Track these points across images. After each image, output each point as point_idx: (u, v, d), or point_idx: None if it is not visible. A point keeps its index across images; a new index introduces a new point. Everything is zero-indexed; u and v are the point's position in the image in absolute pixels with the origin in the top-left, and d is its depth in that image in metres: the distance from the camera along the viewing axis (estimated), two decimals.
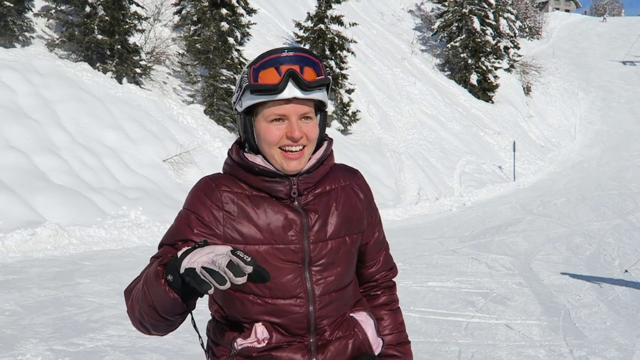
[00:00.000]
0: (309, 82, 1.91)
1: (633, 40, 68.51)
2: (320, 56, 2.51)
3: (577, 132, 43.78)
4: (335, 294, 2.05)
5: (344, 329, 2.08)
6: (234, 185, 2.03)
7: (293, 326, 1.99)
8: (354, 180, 2.18)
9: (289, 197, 2.01)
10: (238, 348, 2.01)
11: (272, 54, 1.94)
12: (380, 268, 2.29)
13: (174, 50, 23.33)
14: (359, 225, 2.14)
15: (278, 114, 1.93)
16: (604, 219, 16.89)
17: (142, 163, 16.64)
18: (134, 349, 6.07)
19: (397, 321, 2.31)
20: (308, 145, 1.98)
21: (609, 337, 6.93)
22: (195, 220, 1.98)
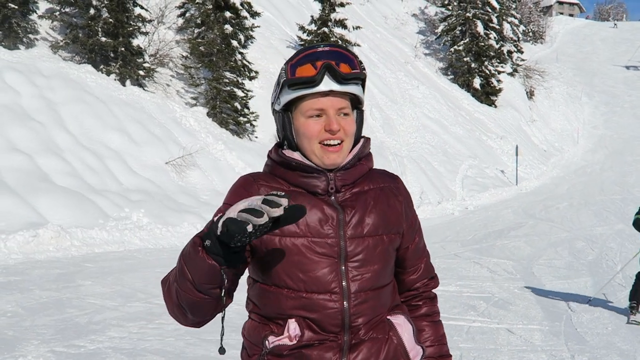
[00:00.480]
0: (345, 74, 1.94)
1: (637, 45, 68.50)
2: (354, 53, 2.50)
3: (580, 136, 43.74)
4: (371, 293, 2.02)
5: (379, 331, 2.05)
6: (272, 181, 2.05)
7: (327, 322, 1.97)
8: (393, 183, 2.18)
9: (326, 193, 2.02)
10: (270, 346, 1.99)
11: (308, 50, 1.98)
12: (421, 276, 2.27)
13: (177, 52, 23.35)
14: (397, 226, 2.12)
15: (316, 108, 1.96)
16: (606, 223, 16.88)
17: (145, 165, 16.66)
18: (135, 351, 6.07)
19: (439, 333, 2.28)
20: (346, 140, 2.00)
21: (610, 342, 6.92)
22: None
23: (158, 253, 12.37)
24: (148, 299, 8.31)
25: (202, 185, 17.51)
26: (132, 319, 7.26)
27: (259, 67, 25.13)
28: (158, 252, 12.53)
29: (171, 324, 7.09)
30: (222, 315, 1.90)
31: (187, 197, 16.31)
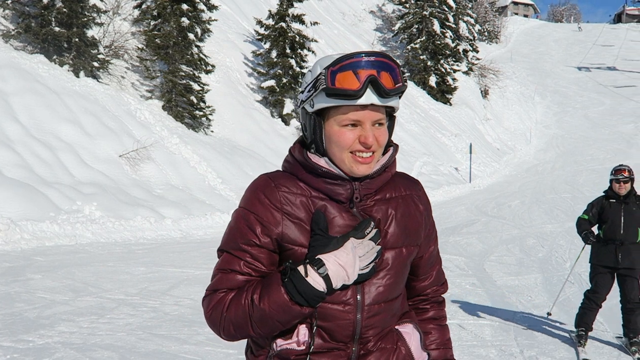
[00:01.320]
0: (388, 90, 1.88)
1: (589, 46, 69.87)
2: (394, 59, 2.41)
3: (532, 135, 44.44)
4: (384, 305, 2.00)
5: (388, 341, 2.03)
6: (293, 186, 1.98)
7: (338, 332, 1.95)
8: (414, 191, 2.14)
9: (349, 201, 1.98)
10: (277, 349, 1.96)
11: (351, 58, 1.89)
12: (432, 282, 2.24)
13: (133, 44, 23.06)
14: (416, 238, 2.08)
15: (353, 119, 1.90)
16: (556, 221, 17.18)
17: (98, 158, 16.44)
18: (85, 346, 5.99)
19: (445, 337, 2.26)
20: (377, 150, 1.95)
21: (558, 337, 7.05)
22: (255, 221, 1.95)
23: (110, 247, 12.23)
24: (99, 294, 8.21)
25: (156, 178, 17.34)
26: (83, 314, 7.16)
27: (216, 61, 24.98)
28: (110, 246, 12.38)
29: (122, 319, 7.03)
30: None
31: (141, 191, 16.14)
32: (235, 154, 21.08)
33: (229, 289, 1.92)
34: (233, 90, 25.60)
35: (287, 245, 1.92)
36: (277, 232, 1.93)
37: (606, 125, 44.99)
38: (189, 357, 5.82)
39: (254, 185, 2.00)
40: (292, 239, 1.92)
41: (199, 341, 6.26)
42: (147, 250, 12.12)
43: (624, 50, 69.52)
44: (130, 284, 8.86)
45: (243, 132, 23.25)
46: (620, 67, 62.62)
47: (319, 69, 1.92)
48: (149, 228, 14.22)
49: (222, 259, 1.97)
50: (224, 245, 1.98)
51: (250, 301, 1.84)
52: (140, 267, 10.08)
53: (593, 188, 25.21)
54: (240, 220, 1.96)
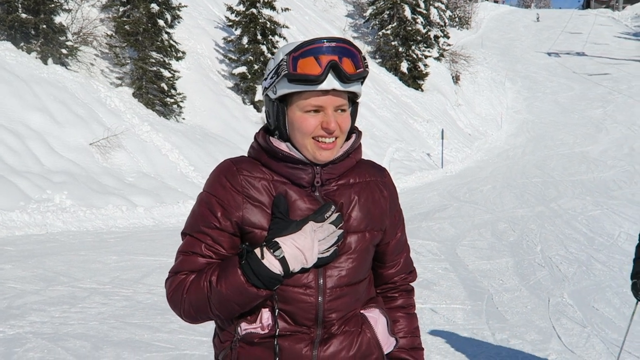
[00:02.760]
0: (349, 75, 1.90)
1: (559, 32, 70.42)
2: (357, 47, 2.40)
3: (503, 121, 44.72)
4: (347, 288, 2.01)
5: (352, 325, 2.04)
6: (256, 170, 2.01)
7: (301, 315, 1.97)
8: (379, 177, 2.15)
9: (310, 186, 1.99)
10: (242, 333, 1.98)
11: (312, 44, 1.91)
12: (400, 270, 2.25)
13: (102, 31, 22.76)
14: (380, 223, 2.10)
15: (315, 105, 1.92)
16: (527, 206, 17.35)
17: (68, 146, 16.25)
18: (57, 335, 5.95)
19: (413, 326, 2.28)
20: (340, 136, 1.97)
21: (529, 320, 7.14)
22: (216, 204, 1.98)
23: (82, 236, 12.13)
24: (71, 283, 8.14)
25: (127, 167, 17.19)
26: (54, 303, 7.10)
27: (186, 48, 24.79)
28: (81, 234, 12.28)
29: (95, 308, 6.98)
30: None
31: (112, 179, 16.00)
32: (207, 141, 20.97)
33: (190, 271, 1.94)
34: (204, 77, 25.43)
35: (247, 228, 1.95)
36: (237, 215, 1.95)
37: (575, 110, 45.41)
38: (162, 345, 5.81)
39: (217, 170, 2.04)
40: (252, 222, 1.95)
41: (172, 329, 6.25)
42: (119, 238, 12.05)
43: (592, 36, 70.17)
44: (102, 273, 8.81)
45: (214, 119, 23.13)
46: (589, 53, 63.21)
47: (282, 55, 1.94)
48: (120, 216, 14.12)
49: (185, 241, 2.00)
50: (187, 228, 2.01)
51: (208, 283, 1.87)
52: (113, 256, 10.02)
53: (563, 172, 25.51)
54: (203, 204, 2.00)
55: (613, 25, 76.35)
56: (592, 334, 6.55)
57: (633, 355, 5.89)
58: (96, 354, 5.50)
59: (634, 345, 6.20)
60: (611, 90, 49.74)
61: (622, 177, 23.74)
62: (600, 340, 6.33)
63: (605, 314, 7.39)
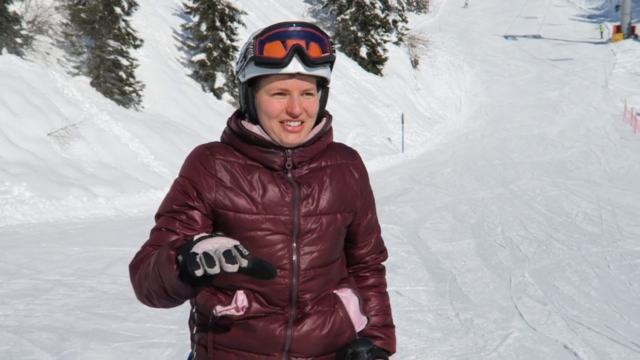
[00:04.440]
0: (313, 59, 1.93)
1: (515, 15, 71.14)
2: (323, 31, 2.39)
3: (462, 104, 45.17)
4: (320, 269, 2.06)
5: (325, 304, 2.09)
6: (229, 154, 2.04)
7: (275, 297, 2.01)
8: (350, 160, 2.20)
9: (282, 169, 2.03)
10: (217, 315, 2.01)
11: (279, 27, 1.94)
12: (371, 250, 2.30)
13: (57, 19, 22.38)
14: (351, 204, 2.14)
15: (280, 88, 1.95)
16: (487, 188, 17.58)
17: (25, 137, 16.01)
18: (22, 328, 5.90)
19: (384, 304, 2.32)
20: (308, 120, 2.00)
21: (492, 299, 7.27)
22: (190, 186, 2.01)
23: (42, 228, 11.99)
24: (34, 275, 8.06)
25: (87, 157, 17.01)
26: (18, 296, 7.03)
27: (144, 35, 24.52)
28: (42, 226, 12.14)
29: (59, 300, 6.93)
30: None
31: (72, 170, 15.82)
32: (168, 129, 20.82)
33: (160, 246, 1.90)
34: (163, 64, 25.21)
35: (220, 211, 1.99)
36: (210, 198, 1.99)
37: (533, 93, 46.06)
38: (129, 335, 5.80)
39: (191, 155, 2.07)
40: (225, 205, 1.99)
41: (139, 318, 6.24)
42: (81, 229, 11.94)
43: (548, 18, 71.06)
44: (65, 265, 8.73)
45: (175, 107, 22.96)
46: (545, 35, 64.03)
47: (251, 39, 1.98)
48: (81, 207, 13.98)
49: (159, 221, 2.02)
50: (161, 209, 2.04)
51: (149, 262, 1.85)
52: (75, 247, 9.93)
53: (521, 154, 25.91)
54: (177, 187, 2.04)
55: (568, 8, 77.40)
56: (552, 311, 6.70)
57: (592, 330, 6.05)
58: (63, 345, 5.47)
59: (593, 321, 6.37)
60: (567, 72, 50.55)
61: (579, 157, 24.19)
62: (561, 317, 6.47)
63: (565, 291, 7.56)
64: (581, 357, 5.37)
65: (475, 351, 5.59)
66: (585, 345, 5.65)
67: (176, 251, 1.72)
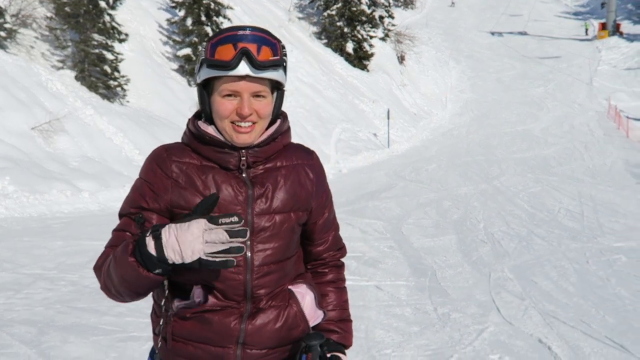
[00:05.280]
0: (260, 62, 1.98)
1: (501, 12, 71.39)
2: (275, 36, 2.41)
3: (448, 100, 45.31)
4: (274, 266, 2.12)
5: (279, 299, 2.15)
6: (186, 155, 2.11)
7: (230, 292, 2.07)
8: (307, 160, 2.24)
9: (237, 169, 2.08)
10: (175, 309, 2.09)
11: (231, 31, 2.02)
12: (328, 248, 2.35)
13: (41, 13, 22.26)
14: (305, 204, 2.19)
15: (231, 90, 2.01)
16: (471, 184, 17.68)
17: (9, 131, 15.94)
18: (1, 321, 5.92)
19: (342, 299, 2.38)
20: (259, 121, 2.06)
21: (470, 295, 7.36)
22: (147, 189, 2.09)
23: (26, 222, 11.97)
24: (15, 269, 8.07)
25: (71, 151, 16.96)
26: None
27: (129, 30, 24.45)
28: (25, 221, 12.12)
29: (40, 294, 6.95)
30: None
31: (56, 164, 15.78)
32: (152, 124, 20.79)
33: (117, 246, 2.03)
34: (148, 59, 25.14)
35: (176, 210, 2.07)
36: (166, 199, 2.07)
37: (518, 89, 46.28)
38: (108, 329, 5.84)
39: (150, 156, 2.16)
40: (180, 205, 2.06)
41: (120, 312, 6.27)
42: (64, 224, 11.93)
43: (534, 14, 71.36)
44: (47, 259, 8.74)
45: (159, 102, 22.92)
46: (530, 32, 64.30)
47: (205, 43, 2.07)
48: (65, 202, 13.96)
49: (119, 222, 2.12)
50: (121, 210, 2.14)
51: (112, 257, 1.99)
52: (58, 241, 9.93)
53: (505, 150, 26.04)
54: (135, 188, 2.13)
55: (553, 4, 77.73)
56: (529, 306, 6.78)
57: (568, 325, 6.14)
58: (42, 339, 5.50)
59: (569, 316, 6.46)
60: (552, 69, 50.80)
61: (562, 154, 24.35)
62: (538, 312, 6.56)
63: (543, 287, 7.65)
64: (555, 351, 5.46)
65: (450, 345, 5.66)
66: (560, 340, 5.74)
67: (139, 263, 1.87)
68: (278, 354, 2.17)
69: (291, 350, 2.19)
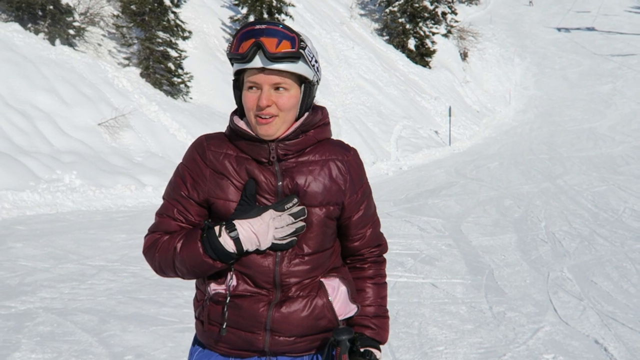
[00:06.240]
0: (272, 54, 2.04)
1: (568, 7, 69.86)
2: (296, 31, 2.47)
3: (511, 97, 44.63)
4: (303, 257, 2.19)
5: (308, 290, 2.21)
6: (224, 146, 2.23)
7: (260, 279, 2.16)
8: (341, 155, 2.28)
9: (268, 161, 2.16)
10: (211, 293, 2.21)
11: (249, 26, 2.11)
12: (366, 243, 2.38)
13: (108, 11, 22.86)
14: (336, 198, 2.23)
15: (252, 82, 2.10)
16: (533, 182, 17.41)
17: (76, 127, 16.41)
18: (66, 310, 6.13)
19: (380, 295, 2.40)
20: (280, 114, 2.12)
21: (527, 293, 7.27)
22: (188, 175, 2.23)
23: (91, 215, 12.31)
24: (80, 260, 8.33)
25: (135, 146, 17.37)
26: (64, 280, 7.29)
27: (193, 27, 24.84)
28: (91, 214, 12.47)
29: (103, 284, 7.17)
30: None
31: (121, 159, 16.18)
32: (214, 120, 21.09)
33: (164, 231, 2.22)
34: (211, 56, 25.50)
35: (212, 199, 2.18)
36: (204, 186, 2.19)
37: (584, 86, 45.24)
38: (167, 319, 5.99)
39: (192, 145, 2.29)
40: (217, 194, 2.17)
41: (178, 304, 6.42)
42: (128, 217, 12.23)
43: (603, 9, 69.60)
44: (110, 251, 8.99)
45: (221, 98, 23.22)
46: (598, 27, 62.75)
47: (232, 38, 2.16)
48: (129, 196, 14.31)
49: (162, 205, 2.27)
50: (164, 194, 2.29)
51: (174, 249, 2.13)
52: (121, 234, 10.20)
53: (570, 149, 25.54)
54: (177, 174, 2.26)
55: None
56: (587, 307, 6.67)
57: (626, 326, 6.02)
58: (103, 327, 5.68)
59: (628, 317, 6.33)
60: (620, 65, 49.44)
61: (629, 152, 23.74)
62: (595, 313, 6.45)
63: (603, 287, 7.51)
64: (611, 353, 5.37)
65: (504, 344, 5.62)
66: (617, 341, 5.63)
67: (211, 257, 2.10)
68: (306, 342, 2.23)
69: (321, 341, 2.25)
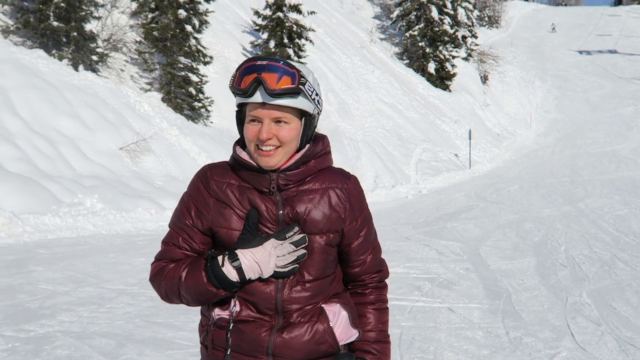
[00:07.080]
0: (271, 90, 2.12)
1: (590, 30, 69.70)
2: (297, 67, 2.52)
3: (532, 120, 44.47)
4: (305, 284, 2.25)
5: (309, 316, 2.26)
6: (227, 176, 2.30)
7: (262, 305, 2.22)
8: (340, 184, 2.34)
9: (269, 191, 2.23)
10: (215, 318, 2.27)
11: (251, 61, 2.20)
12: (366, 269, 2.43)
13: (131, 37, 23.18)
14: (336, 225, 2.30)
15: (253, 115, 2.18)
16: (554, 205, 17.32)
17: (98, 151, 16.60)
18: (84, 334, 6.20)
19: (381, 320, 2.45)
20: (282, 146, 2.19)
21: (544, 319, 7.23)
22: (193, 205, 2.30)
23: (111, 239, 12.42)
24: (99, 284, 8.41)
25: (156, 170, 17.52)
26: (83, 304, 7.36)
27: (214, 52, 25.09)
28: (111, 237, 12.58)
29: (121, 308, 7.23)
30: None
31: (142, 183, 16.32)
32: None
33: (170, 259, 2.28)
34: None
35: (215, 228, 2.25)
36: (207, 216, 2.26)
37: (606, 109, 44.99)
38: (183, 343, 6.03)
39: (196, 174, 2.36)
40: (220, 222, 2.24)
41: (194, 328, 6.46)
42: (148, 241, 12.32)
43: (625, 31, 69.36)
44: (130, 275, 9.07)
45: None
46: (620, 50, 62.51)
47: (235, 72, 2.25)
48: (149, 219, 14.42)
49: (167, 233, 2.35)
50: (170, 222, 2.36)
51: (179, 277, 2.20)
52: (141, 258, 10.28)
53: (592, 171, 25.38)
54: (182, 203, 2.34)
55: None
56: (606, 332, 6.63)
57: None
58: (120, 351, 5.74)
59: None
60: None
61: None
62: (614, 338, 6.40)
63: (622, 312, 7.45)
64: None
65: None
66: None
67: (214, 285, 2.17)
68: None
69: None
